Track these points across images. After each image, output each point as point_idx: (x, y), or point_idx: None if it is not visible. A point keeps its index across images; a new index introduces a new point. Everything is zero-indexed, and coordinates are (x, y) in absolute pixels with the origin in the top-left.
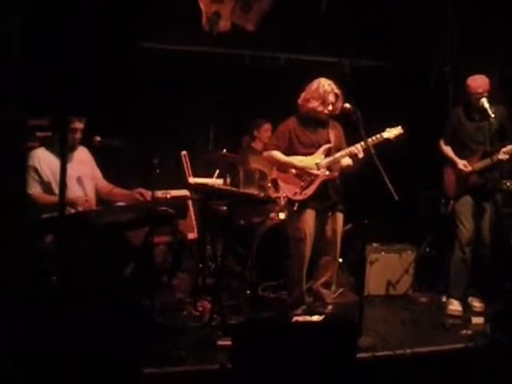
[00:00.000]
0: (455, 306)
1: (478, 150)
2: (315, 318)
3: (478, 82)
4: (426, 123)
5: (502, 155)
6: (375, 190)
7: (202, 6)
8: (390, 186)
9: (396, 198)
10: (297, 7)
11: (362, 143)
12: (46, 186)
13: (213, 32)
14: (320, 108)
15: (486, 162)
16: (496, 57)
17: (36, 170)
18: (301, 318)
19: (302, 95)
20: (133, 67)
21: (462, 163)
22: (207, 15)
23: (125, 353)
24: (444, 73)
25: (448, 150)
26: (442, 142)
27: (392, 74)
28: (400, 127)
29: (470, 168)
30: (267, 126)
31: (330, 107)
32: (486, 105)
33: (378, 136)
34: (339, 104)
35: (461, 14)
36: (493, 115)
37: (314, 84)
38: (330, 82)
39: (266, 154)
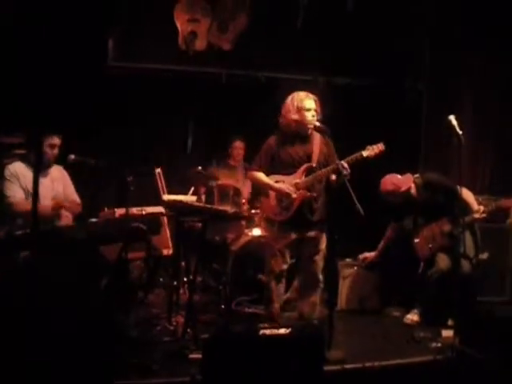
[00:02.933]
0: (411, 315)
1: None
2: (282, 330)
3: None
4: (401, 140)
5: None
6: (347, 205)
7: (178, 25)
8: (356, 201)
9: (362, 212)
10: (272, 26)
11: (337, 162)
12: (26, 194)
13: (189, 51)
14: (298, 117)
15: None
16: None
17: (18, 178)
18: (268, 331)
19: (281, 112)
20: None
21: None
22: (183, 34)
23: (97, 365)
24: (417, 90)
25: None
26: None
27: (366, 91)
28: (381, 144)
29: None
30: (239, 144)
31: (312, 113)
32: (454, 122)
33: (357, 155)
34: (319, 110)
35: (434, 32)
36: (461, 132)
37: (289, 97)
38: (304, 92)
39: (249, 174)
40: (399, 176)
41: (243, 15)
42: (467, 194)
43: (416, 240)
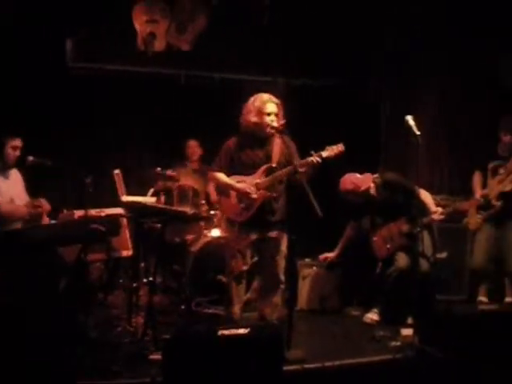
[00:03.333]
0: (371, 315)
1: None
2: (241, 331)
3: None
4: (361, 139)
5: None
6: (306, 205)
7: (137, 26)
8: (314, 202)
9: (320, 213)
10: (231, 27)
11: (295, 161)
12: None
13: (148, 52)
14: (257, 120)
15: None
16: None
17: None
18: (227, 332)
19: (242, 112)
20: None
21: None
22: (142, 35)
23: (57, 367)
24: (378, 91)
25: None
26: None
27: (326, 91)
28: (341, 144)
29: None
30: (192, 143)
31: (272, 118)
32: (411, 122)
33: (316, 155)
34: (281, 113)
35: (393, 31)
36: (418, 133)
37: (251, 99)
38: (268, 94)
39: (210, 175)
40: (359, 175)
41: (202, 16)
42: (425, 195)
43: (374, 239)
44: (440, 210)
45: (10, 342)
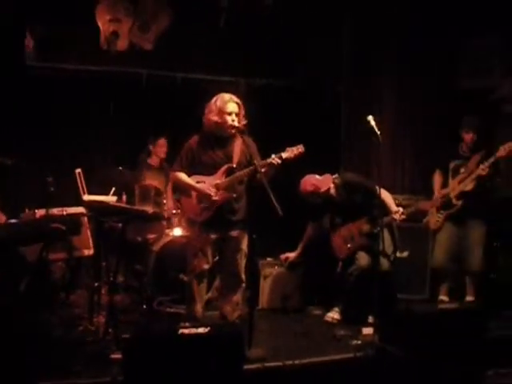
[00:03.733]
0: (332, 314)
1: None
2: (201, 329)
3: None
4: (322, 140)
5: None
6: (266, 205)
7: (100, 25)
8: (274, 202)
9: (280, 213)
10: (194, 27)
11: (255, 162)
12: None
13: (111, 51)
14: (218, 119)
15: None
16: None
17: None
18: (187, 331)
19: (205, 112)
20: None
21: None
22: (105, 34)
23: (17, 367)
24: (337, 92)
25: None
26: None
27: (287, 92)
28: (301, 146)
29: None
30: (162, 142)
31: (233, 117)
32: (372, 122)
33: (276, 156)
34: (243, 113)
35: (354, 34)
36: (379, 132)
37: (213, 98)
38: (229, 94)
39: (172, 175)
40: (318, 176)
41: (165, 15)
42: (385, 195)
43: (333, 239)
44: (401, 210)
45: None
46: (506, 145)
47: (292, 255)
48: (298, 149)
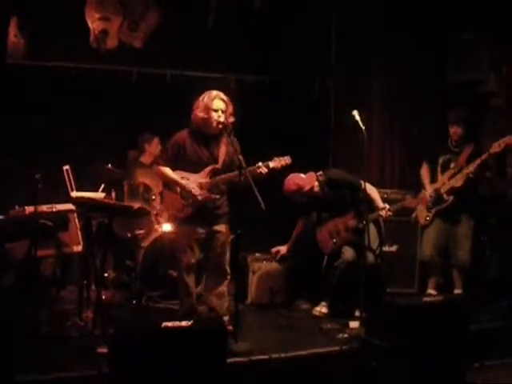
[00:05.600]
0: (319, 308)
1: None
2: (184, 323)
3: None
4: (310, 136)
5: None
6: (252, 200)
7: (89, 23)
8: (258, 195)
9: (263, 207)
10: (183, 24)
11: (243, 170)
12: None
13: (100, 49)
14: (204, 115)
15: None
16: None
17: None
18: (170, 324)
19: (193, 108)
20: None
21: None
22: (95, 33)
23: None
24: (326, 87)
25: None
26: None
27: (276, 88)
28: (288, 157)
29: None
30: (157, 140)
31: (220, 114)
32: (357, 117)
33: (264, 165)
34: (230, 111)
35: (342, 29)
36: (363, 127)
37: (201, 96)
38: (217, 91)
39: (155, 168)
40: (302, 175)
41: (154, 13)
42: (371, 190)
43: (318, 234)
44: (387, 206)
45: None
46: (500, 141)
47: (282, 249)
48: (286, 160)
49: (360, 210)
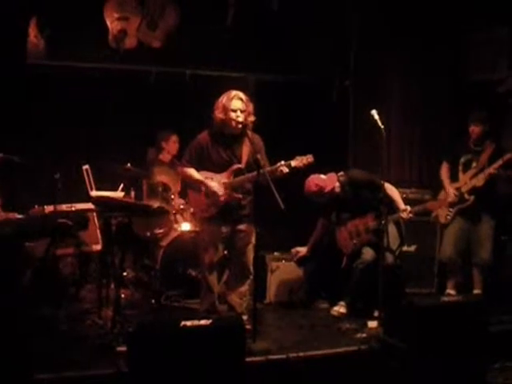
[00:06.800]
0: (338, 307)
1: None
2: (203, 321)
3: None
4: (329, 136)
5: None
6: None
7: (108, 23)
8: (277, 195)
9: (282, 206)
10: (202, 23)
11: (261, 171)
12: None
13: (119, 49)
14: (223, 116)
15: None
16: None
17: None
18: (189, 323)
19: (213, 109)
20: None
21: None
22: (113, 33)
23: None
24: (345, 87)
25: None
26: None
27: (296, 88)
28: (310, 156)
29: None
30: (175, 138)
31: (238, 114)
32: (376, 117)
33: (285, 164)
34: (249, 110)
35: (361, 29)
36: (382, 126)
37: (222, 95)
38: (236, 91)
39: (180, 169)
40: (323, 176)
41: (173, 12)
42: (392, 191)
43: (339, 234)
44: (408, 208)
45: None
46: None
47: (302, 250)
48: (308, 158)
49: (380, 211)
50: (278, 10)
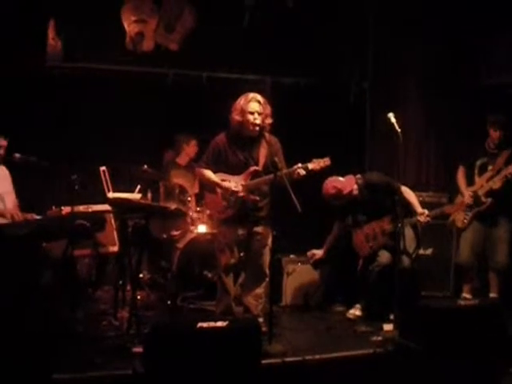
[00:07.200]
0: (354, 310)
1: None
2: (219, 323)
3: None
4: (346, 139)
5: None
6: (288, 202)
7: (125, 26)
8: (294, 198)
9: (299, 210)
10: (218, 25)
11: (278, 173)
12: None
13: (136, 51)
14: (240, 118)
15: None
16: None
17: None
18: (205, 324)
19: (231, 111)
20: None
21: None
22: (131, 35)
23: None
24: (362, 89)
25: None
26: None
27: (313, 90)
28: (327, 159)
29: None
30: (195, 142)
31: (256, 116)
32: (393, 120)
33: (302, 166)
34: (267, 112)
35: (378, 31)
36: (399, 129)
37: (239, 97)
38: (253, 94)
39: (196, 170)
40: (341, 178)
41: (189, 15)
42: (410, 194)
43: (355, 237)
44: (426, 212)
45: None
46: None
47: (318, 253)
48: (325, 161)
49: (397, 214)
50: (294, 12)
